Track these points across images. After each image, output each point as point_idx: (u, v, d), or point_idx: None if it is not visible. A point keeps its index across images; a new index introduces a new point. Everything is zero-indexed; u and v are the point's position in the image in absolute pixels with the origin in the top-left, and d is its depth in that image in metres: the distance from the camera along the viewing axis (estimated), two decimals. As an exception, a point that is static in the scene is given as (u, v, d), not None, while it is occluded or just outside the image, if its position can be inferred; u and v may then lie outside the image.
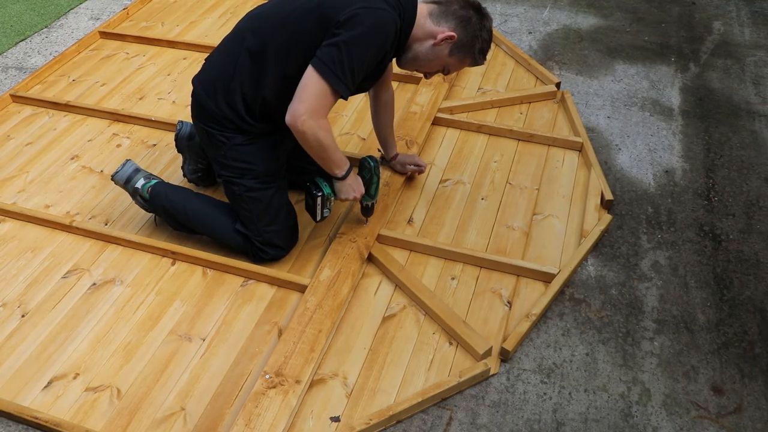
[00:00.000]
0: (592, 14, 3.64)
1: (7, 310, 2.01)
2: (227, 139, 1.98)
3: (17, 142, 2.71)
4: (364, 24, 1.73)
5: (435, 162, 2.55)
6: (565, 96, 2.84)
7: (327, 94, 1.77)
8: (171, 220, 2.17)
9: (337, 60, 1.73)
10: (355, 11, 1.73)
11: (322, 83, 1.75)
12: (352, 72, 1.76)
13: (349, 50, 1.73)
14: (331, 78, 1.74)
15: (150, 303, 2.02)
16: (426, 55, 1.92)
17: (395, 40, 1.84)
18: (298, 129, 1.79)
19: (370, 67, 1.84)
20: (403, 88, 2.97)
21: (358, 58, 1.75)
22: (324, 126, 1.82)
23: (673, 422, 1.73)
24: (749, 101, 2.91)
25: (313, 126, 1.78)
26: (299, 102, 1.77)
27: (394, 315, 1.98)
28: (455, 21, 1.88)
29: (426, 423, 1.72)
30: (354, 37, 1.73)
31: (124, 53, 3.29)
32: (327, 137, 1.83)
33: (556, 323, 1.98)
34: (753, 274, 2.13)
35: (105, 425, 1.70)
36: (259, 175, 2.02)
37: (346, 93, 1.79)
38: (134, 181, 2.19)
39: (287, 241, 2.14)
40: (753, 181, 2.49)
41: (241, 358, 1.86)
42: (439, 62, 1.94)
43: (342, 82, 1.76)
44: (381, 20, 1.76)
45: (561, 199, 2.38)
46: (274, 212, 2.07)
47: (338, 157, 1.92)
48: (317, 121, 1.79)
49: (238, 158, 2.00)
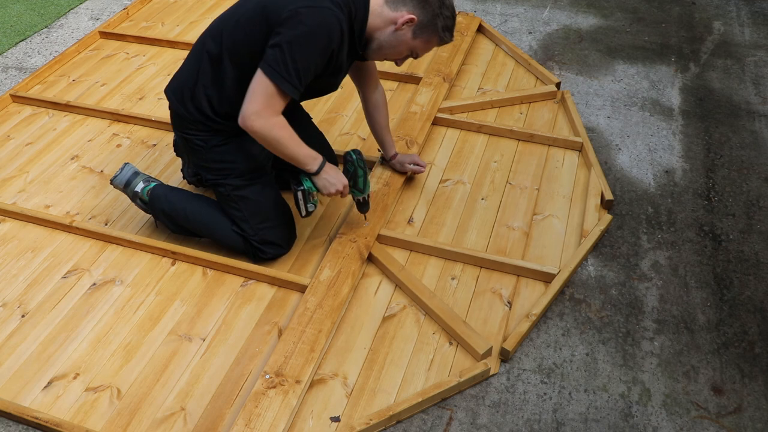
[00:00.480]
0: (592, 14, 3.64)
1: (7, 310, 2.01)
2: (204, 142, 2.01)
3: (17, 142, 2.71)
4: (305, 23, 1.74)
5: (435, 162, 2.56)
6: (565, 96, 2.84)
7: (274, 95, 1.79)
8: (170, 222, 2.17)
9: (280, 60, 1.75)
10: (297, 9, 1.75)
11: (267, 84, 1.77)
12: (297, 71, 1.77)
13: (291, 50, 1.75)
14: (275, 78, 1.76)
15: (150, 303, 2.02)
16: (390, 41, 1.91)
17: (342, 37, 1.83)
18: (249, 129, 1.82)
19: (318, 65, 1.84)
20: (403, 88, 2.97)
21: (300, 57, 1.76)
22: (278, 123, 1.84)
23: (673, 422, 1.73)
24: (749, 101, 2.91)
25: (263, 125, 1.81)
26: (247, 103, 1.80)
27: (394, 315, 1.98)
28: (413, 3, 1.88)
29: (426, 423, 1.72)
30: (296, 36, 1.75)
31: (124, 53, 3.29)
32: (282, 133, 1.85)
33: (556, 323, 1.98)
34: (753, 274, 2.13)
35: (105, 425, 1.70)
36: (243, 173, 2.04)
37: (293, 92, 1.80)
38: (133, 184, 2.19)
39: (285, 238, 2.14)
40: (753, 181, 2.49)
41: (241, 358, 1.86)
42: (405, 46, 1.93)
43: (287, 81, 1.77)
44: (323, 19, 1.76)
45: (561, 199, 2.38)
46: (265, 209, 2.08)
47: (303, 152, 1.92)
48: (268, 120, 1.81)
49: (219, 159, 2.03)
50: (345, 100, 2.91)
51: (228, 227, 2.10)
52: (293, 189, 2.01)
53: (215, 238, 2.15)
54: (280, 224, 2.12)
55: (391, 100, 2.90)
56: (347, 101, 2.90)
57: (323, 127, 2.70)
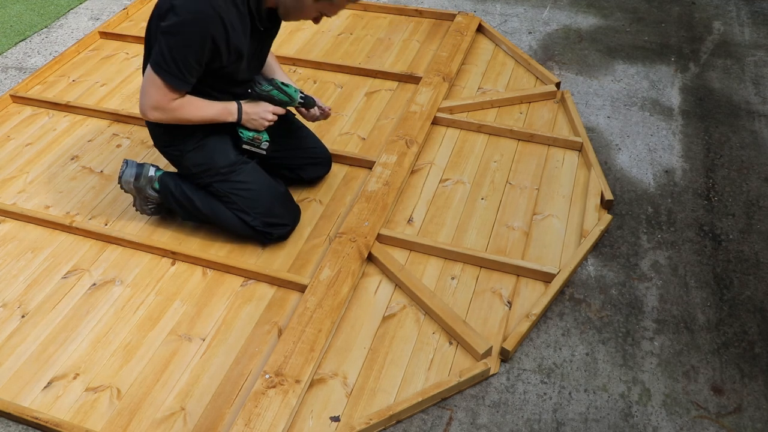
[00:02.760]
0: (592, 14, 3.64)
1: (7, 311, 2.01)
2: (180, 151, 2.09)
3: (17, 143, 2.71)
4: (179, 15, 1.77)
5: (435, 162, 2.56)
6: (565, 96, 2.84)
7: (160, 86, 1.85)
8: (181, 209, 2.17)
9: (160, 53, 1.81)
10: (172, 3, 1.78)
11: (154, 78, 1.85)
12: (176, 62, 1.81)
13: (167, 42, 1.79)
14: (159, 71, 1.83)
15: (150, 303, 2.02)
16: (294, 5, 1.89)
17: (225, 25, 1.80)
18: (151, 121, 1.94)
19: (200, 56, 1.82)
20: (403, 87, 2.97)
21: (177, 47, 1.79)
22: (175, 106, 1.91)
23: (673, 422, 1.73)
24: (749, 101, 2.91)
25: (161, 115, 1.91)
26: (141, 98, 1.90)
27: (394, 315, 1.98)
28: None
29: (426, 423, 1.72)
30: (170, 27, 1.78)
31: (124, 53, 3.29)
32: (185, 112, 1.93)
33: (556, 323, 1.98)
34: (753, 274, 2.13)
35: (105, 425, 1.70)
36: (225, 168, 2.10)
37: (180, 84, 1.85)
38: (146, 170, 2.17)
39: (287, 216, 2.19)
40: (753, 181, 2.49)
41: (241, 358, 1.86)
42: (311, 9, 1.89)
43: (170, 74, 1.83)
44: (196, 9, 1.77)
45: (561, 199, 2.38)
46: (258, 195, 2.11)
47: (215, 111, 1.99)
48: (164, 109, 1.90)
49: (198, 162, 2.10)
50: (345, 100, 2.91)
51: (234, 218, 2.14)
52: (240, 146, 2.11)
53: (227, 228, 2.18)
54: (278, 203, 2.16)
55: (391, 100, 2.90)
56: (347, 101, 2.91)
57: (323, 127, 2.70)
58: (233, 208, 2.12)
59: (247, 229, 2.14)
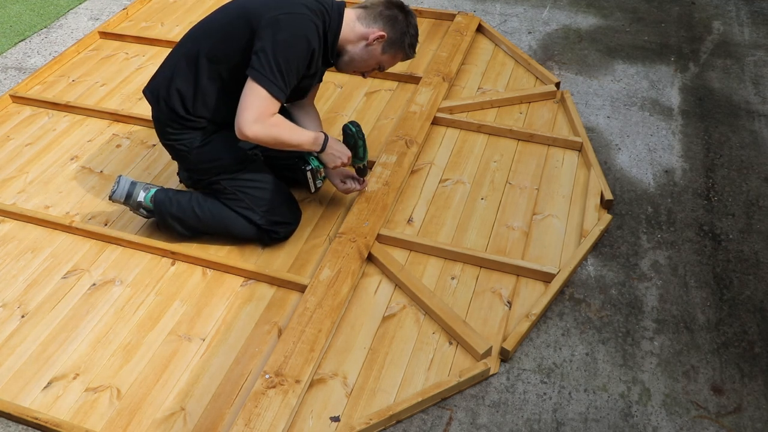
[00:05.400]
0: (592, 14, 3.64)
1: (7, 311, 2.01)
2: (187, 146, 2.09)
3: (17, 143, 2.71)
4: (286, 29, 1.86)
5: (435, 162, 2.56)
6: (565, 96, 2.84)
7: (264, 98, 1.88)
8: (180, 224, 2.16)
9: (266, 65, 1.86)
10: (277, 17, 1.86)
11: (258, 89, 1.87)
12: (282, 74, 1.88)
13: (275, 55, 1.86)
14: (264, 83, 1.87)
15: (150, 303, 2.02)
16: (361, 55, 2.06)
17: (320, 42, 1.95)
18: (249, 137, 1.90)
19: (301, 68, 1.94)
20: (403, 87, 2.97)
21: (284, 61, 1.88)
22: (274, 123, 1.93)
23: (673, 422, 1.73)
24: (749, 101, 2.91)
25: (260, 130, 1.90)
26: (242, 111, 1.89)
27: (394, 315, 1.98)
28: (383, 21, 2.03)
29: (426, 423, 1.72)
30: (278, 41, 1.86)
31: (123, 53, 3.29)
32: (281, 132, 1.95)
33: (556, 323, 1.98)
34: (753, 274, 2.13)
35: (105, 425, 1.70)
36: (233, 165, 2.12)
37: (281, 95, 1.91)
38: (135, 195, 2.17)
39: (291, 215, 2.21)
40: (753, 181, 2.49)
41: (241, 358, 1.86)
42: (374, 60, 2.08)
43: (275, 85, 1.88)
44: (302, 25, 1.89)
45: (561, 199, 2.38)
46: (265, 193, 2.13)
47: (305, 138, 2.02)
48: (263, 123, 1.90)
49: (205, 159, 2.11)
50: (345, 100, 2.91)
51: (238, 218, 2.14)
52: (302, 168, 2.15)
53: (229, 231, 2.17)
54: (283, 202, 2.19)
55: (391, 100, 2.90)
56: (347, 101, 2.91)
57: (323, 127, 2.69)
58: (239, 206, 2.12)
59: (251, 229, 2.14)
